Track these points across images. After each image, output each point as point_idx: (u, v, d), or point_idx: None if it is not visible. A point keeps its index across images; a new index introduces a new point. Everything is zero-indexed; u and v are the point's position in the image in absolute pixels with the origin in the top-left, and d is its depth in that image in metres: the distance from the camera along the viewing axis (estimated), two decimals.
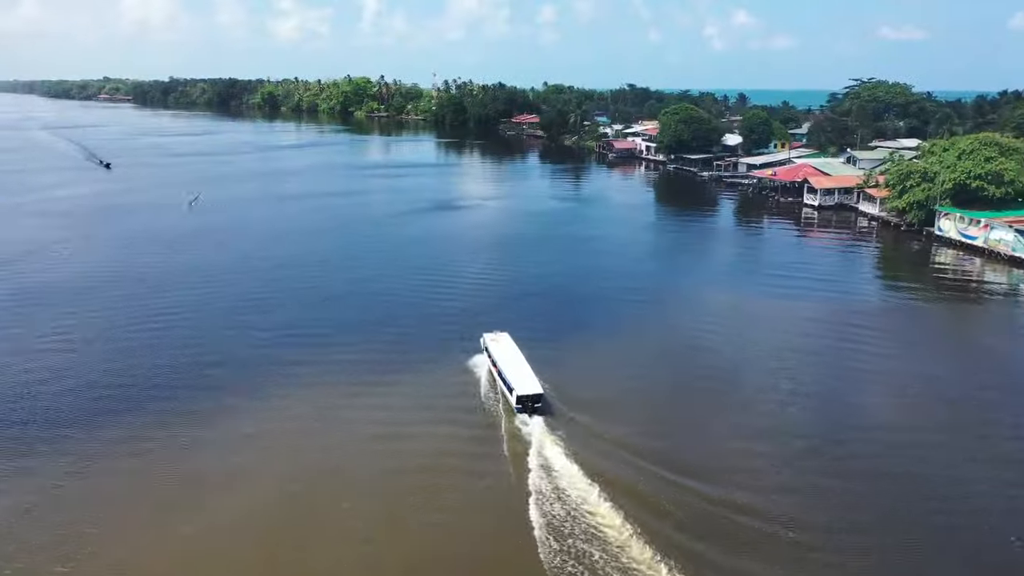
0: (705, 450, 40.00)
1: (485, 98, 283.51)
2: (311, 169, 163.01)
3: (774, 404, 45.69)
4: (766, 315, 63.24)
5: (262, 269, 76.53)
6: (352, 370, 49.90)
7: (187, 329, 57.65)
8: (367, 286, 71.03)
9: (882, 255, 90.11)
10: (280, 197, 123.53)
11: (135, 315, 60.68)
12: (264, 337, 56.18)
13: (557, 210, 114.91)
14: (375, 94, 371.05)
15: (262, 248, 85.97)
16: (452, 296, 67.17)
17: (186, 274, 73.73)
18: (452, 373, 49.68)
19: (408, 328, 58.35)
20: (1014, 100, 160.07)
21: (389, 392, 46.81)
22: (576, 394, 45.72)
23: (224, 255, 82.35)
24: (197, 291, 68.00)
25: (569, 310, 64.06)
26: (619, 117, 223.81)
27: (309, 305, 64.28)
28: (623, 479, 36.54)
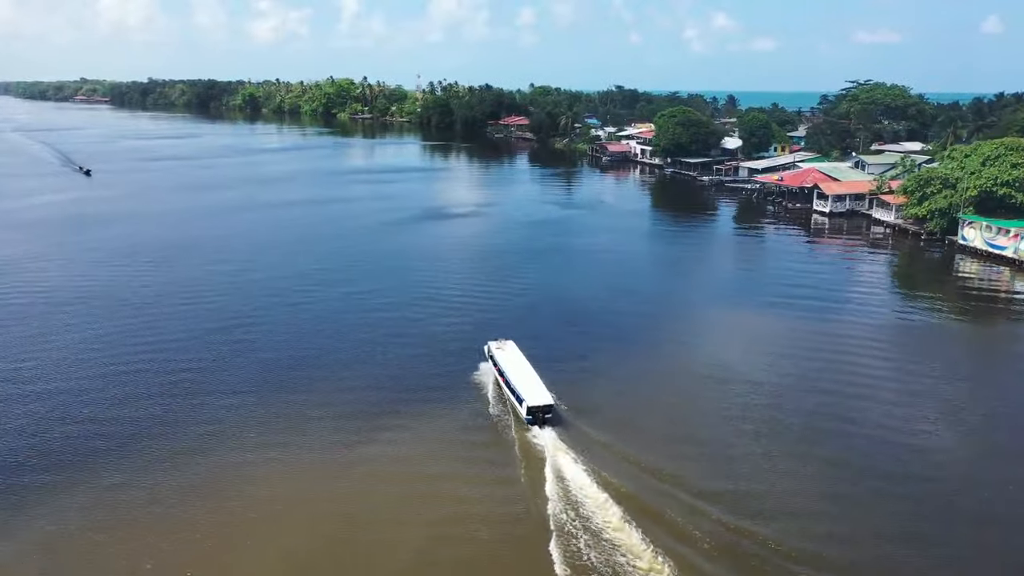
0: (729, 472, 36.89)
1: (472, 100, 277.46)
2: (298, 175, 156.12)
3: (807, 430, 40.65)
4: (786, 332, 57.99)
5: (254, 286, 70.36)
6: (361, 402, 45.01)
7: (177, 356, 51.54)
8: (365, 302, 65.68)
9: (903, 265, 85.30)
10: (268, 205, 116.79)
11: (118, 343, 54.45)
12: (262, 365, 50.17)
13: (556, 218, 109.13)
14: (358, 96, 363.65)
15: (253, 262, 79.68)
16: (455, 312, 62.24)
17: (174, 292, 67.36)
18: (464, 400, 45.32)
19: (414, 350, 53.24)
20: (1014, 102, 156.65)
21: (402, 425, 42.00)
22: (590, 414, 42.69)
23: (214, 271, 75.86)
24: (186, 311, 61.99)
25: (579, 330, 58.59)
26: (610, 119, 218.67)
27: (308, 329, 58.25)
28: (647, 502, 34.54)
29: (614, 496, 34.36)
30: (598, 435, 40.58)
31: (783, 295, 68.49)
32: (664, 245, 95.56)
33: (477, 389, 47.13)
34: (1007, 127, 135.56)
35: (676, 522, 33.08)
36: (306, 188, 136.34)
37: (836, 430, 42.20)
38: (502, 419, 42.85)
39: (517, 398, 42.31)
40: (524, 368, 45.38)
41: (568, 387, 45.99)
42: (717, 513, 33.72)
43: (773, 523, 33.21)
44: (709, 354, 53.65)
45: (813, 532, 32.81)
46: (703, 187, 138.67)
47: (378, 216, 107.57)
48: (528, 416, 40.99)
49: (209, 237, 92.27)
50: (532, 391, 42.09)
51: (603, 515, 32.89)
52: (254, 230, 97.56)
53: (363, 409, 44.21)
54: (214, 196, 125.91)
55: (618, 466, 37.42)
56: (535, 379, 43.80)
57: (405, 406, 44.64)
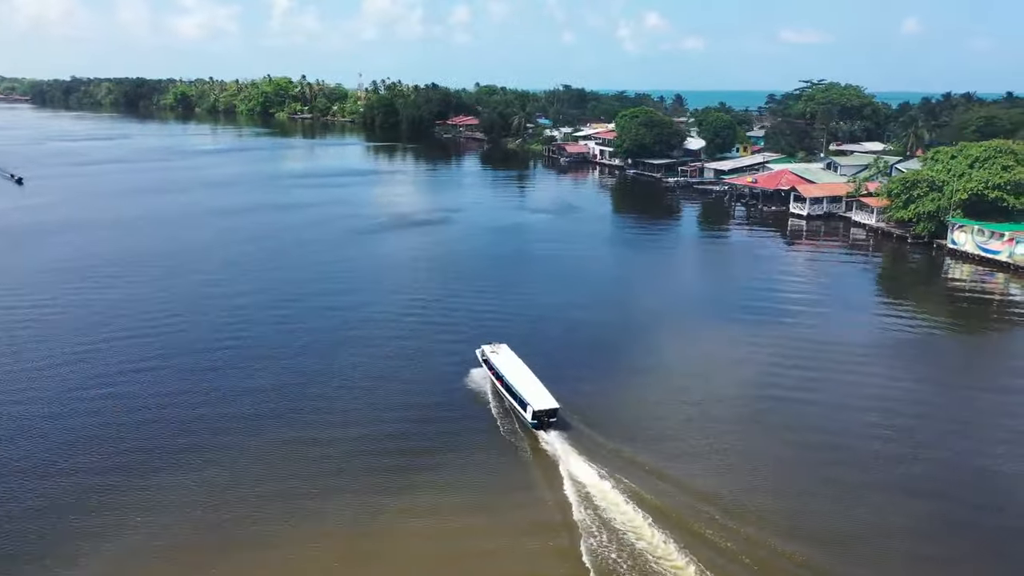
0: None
1: (418, 99, 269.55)
2: (245, 178, 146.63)
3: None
4: (791, 342, 54.13)
5: (224, 303, 62.95)
6: (369, 440, 39.99)
7: (149, 390, 44.15)
8: (347, 318, 60.01)
9: (892, 270, 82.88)
10: (222, 212, 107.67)
11: (76, 375, 46.73)
12: (241, 412, 43.26)
13: (524, 224, 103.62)
14: (297, 95, 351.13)
15: (218, 276, 71.94)
16: (446, 330, 56.85)
17: (136, 314, 59.66)
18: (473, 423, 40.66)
19: (411, 373, 48.64)
20: (964, 102, 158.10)
21: (421, 468, 36.46)
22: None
23: (177, 286, 67.96)
24: (154, 335, 54.64)
25: (569, 344, 53.48)
26: (562, 119, 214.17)
27: (293, 352, 51.44)
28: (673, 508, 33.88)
29: (624, 491, 34.73)
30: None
31: (778, 302, 66.00)
32: (648, 252, 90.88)
33: (480, 404, 44.56)
34: (962, 127, 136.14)
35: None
36: (257, 193, 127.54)
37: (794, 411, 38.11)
38: (519, 446, 39.69)
39: (521, 403, 41.47)
40: (523, 372, 44.30)
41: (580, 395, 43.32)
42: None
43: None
44: (705, 371, 49.17)
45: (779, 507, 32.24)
46: (669, 189, 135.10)
47: (342, 223, 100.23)
48: (533, 420, 40.26)
49: (165, 249, 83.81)
50: (536, 395, 41.22)
51: (611, 505, 33.68)
52: (213, 240, 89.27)
53: (371, 448, 39.18)
54: (161, 202, 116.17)
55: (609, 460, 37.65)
56: (537, 383, 42.77)
57: (417, 440, 40.20)
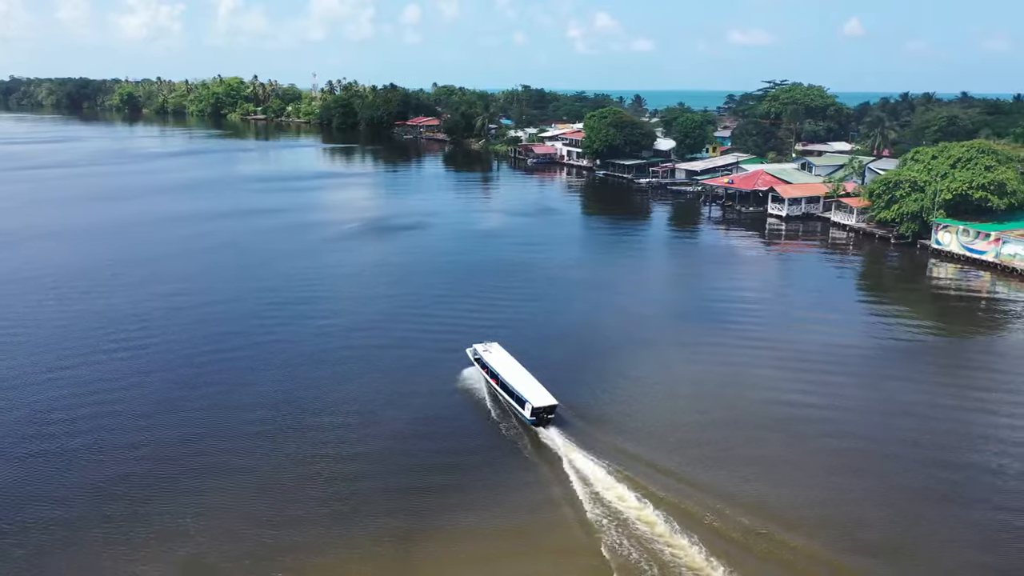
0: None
1: (376, 100, 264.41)
2: (207, 183, 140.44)
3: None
4: (800, 346, 52.59)
5: (208, 319, 58.71)
6: (385, 470, 35.85)
7: (134, 423, 40.11)
8: (332, 331, 56.34)
9: (880, 271, 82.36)
10: (186, 218, 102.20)
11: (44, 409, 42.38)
12: (243, 432, 39.70)
13: (505, 228, 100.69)
14: (249, 95, 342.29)
15: (194, 288, 67.34)
16: (445, 342, 53.14)
17: (111, 333, 55.28)
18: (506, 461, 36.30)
19: (420, 399, 44.24)
20: (925, 102, 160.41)
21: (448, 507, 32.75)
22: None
23: (152, 299, 63.33)
24: (132, 356, 50.38)
25: (577, 357, 51.04)
26: (525, 120, 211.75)
27: (291, 374, 47.76)
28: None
29: (626, 482, 35.58)
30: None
31: (768, 305, 64.92)
32: (633, 256, 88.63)
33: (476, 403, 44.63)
34: (923, 127, 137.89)
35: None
36: (221, 198, 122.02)
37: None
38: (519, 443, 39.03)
39: (519, 400, 41.80)
40: (518, 370, 44.59)
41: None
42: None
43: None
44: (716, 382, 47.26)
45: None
46: (641, 190, 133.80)
47: (315, 231, 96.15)
48: (532, 418, 40.66)
49: (131, 259, 78.78)
50: (534, 392, 41.62)
51: (609, 489, 34.84)
52: (182, 249, 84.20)
53: (379, 464, 36.87)
54: (120, 209, 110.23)
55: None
56: (533, 380, 43.14)
57: (424, 456, 38.59)
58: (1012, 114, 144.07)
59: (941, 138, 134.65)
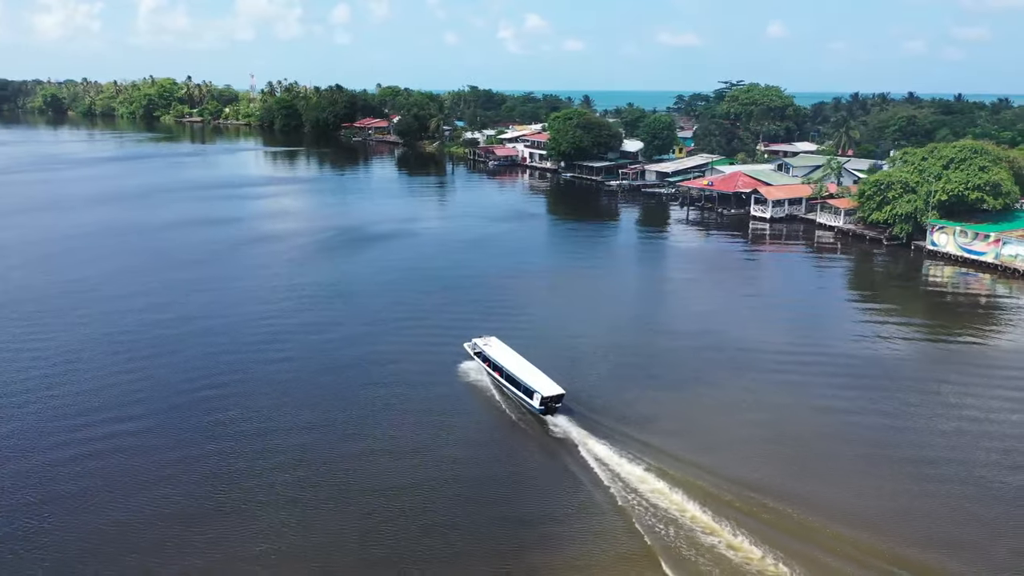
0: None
1: (321, 101, 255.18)
2: (152, 191, 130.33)
3: None
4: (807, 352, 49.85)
5: (199, 340, 52.26)
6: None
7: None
8: (335, 349, 50.24)
9: (879, 273, 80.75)
10: (142, 229, 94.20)
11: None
12: (276, 465, 34.08)
13: (492, 235, 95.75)
14: (184, 97, 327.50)
15: (176, 305, 60.51)
16: (440, 348, 47.99)
17: (91, 359, 48.38)
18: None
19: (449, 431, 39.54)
20: (880, 102, 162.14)
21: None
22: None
23: (121, 322, 56.29)
24: (120, 383, 43.61)
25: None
26: (479, 121, 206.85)
27: (306, 400, 42.12)
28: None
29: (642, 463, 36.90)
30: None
31: (775, 308, 61.87)
32: (630, 264, 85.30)
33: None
34: (882, 127, 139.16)
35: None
36: (174, 206, 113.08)
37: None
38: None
39: (526, 390, 42.88)
40: (521, 361, 45.59)
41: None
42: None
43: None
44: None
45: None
46: (611, 192, 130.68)
47: (288, 241, 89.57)
48: (540, 407, 41.79)
49: (96, 274, 71.06)
50: (542, 383, 42.71)
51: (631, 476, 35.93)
52: (145, 264, 76.56)
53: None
54: (65, 220, 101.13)
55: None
56: (537, 371, 44.19)
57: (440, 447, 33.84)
58: (964, 113, 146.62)
59: (900, 138, 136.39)
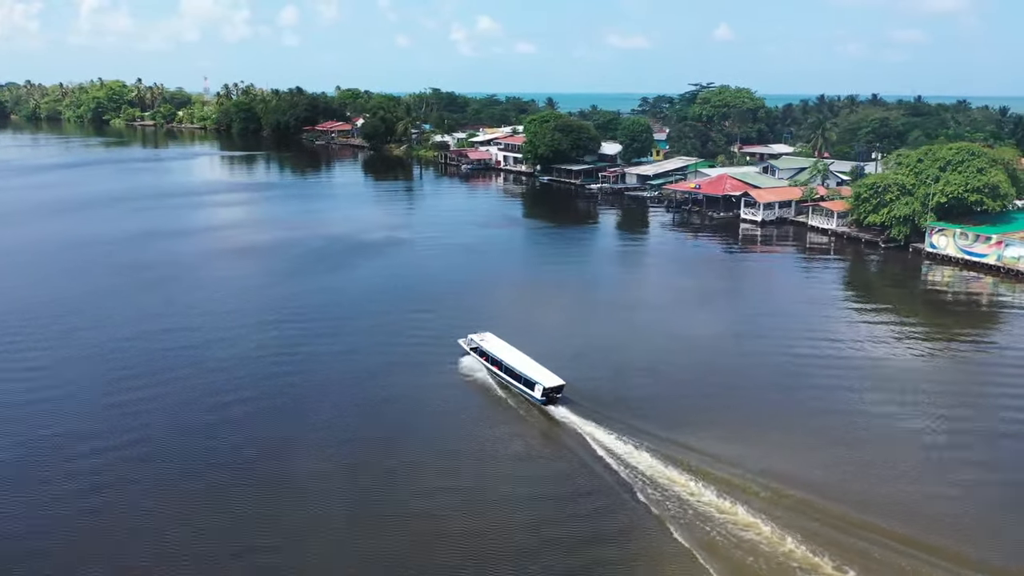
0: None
1: (282, 104, 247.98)
2: (113, 199, 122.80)
3: None
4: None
5: (203, 368, 47.74)
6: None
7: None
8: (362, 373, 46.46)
9: (882, 276, 79.91)
10: (105, 243, 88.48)
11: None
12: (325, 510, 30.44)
13: (488, 241, 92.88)
14: (134, 100, 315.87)
15: (178, 332, 55.61)
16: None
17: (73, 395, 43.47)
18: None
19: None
20: (849, 104, 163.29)
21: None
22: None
23: (116, 347, 51.40)
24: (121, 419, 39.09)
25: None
26: (447, 124, 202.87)
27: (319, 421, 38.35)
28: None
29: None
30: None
31: (781, 316, 59.57)
32: (635, 269, 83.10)
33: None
34: (855, 127, 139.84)
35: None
36: (137, 217, 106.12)
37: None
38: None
39: (527, 382, 43.93)
40: (519, 355, 46.52)
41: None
42: None
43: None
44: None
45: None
46: (593, 196, 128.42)
47: (280, 252, 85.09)
48: (542, 398, 42.80)
49: (58, 303, 65.32)
50: (543, 374, 43.81)
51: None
52: (121, 284, 71.13)
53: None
54: (11, 234, 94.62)
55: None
56: (535, 363, 45.17)
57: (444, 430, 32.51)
58: (932, 115, 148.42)
59: (874, 139, 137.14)
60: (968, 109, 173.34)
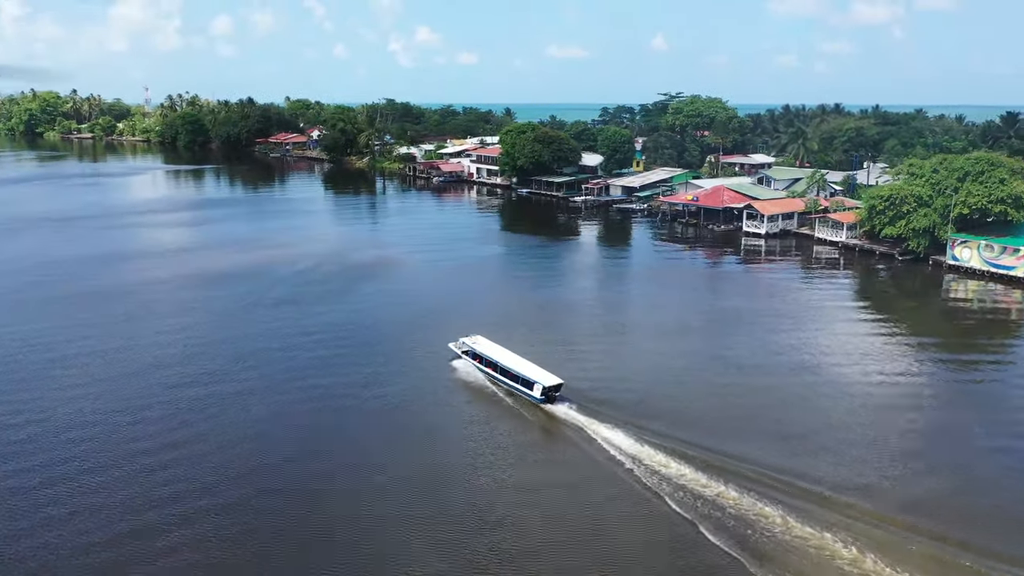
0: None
1: (232, 115, 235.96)
2: (72, 217, 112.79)
3: None
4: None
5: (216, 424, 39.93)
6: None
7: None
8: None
9: (895, 290, 76.22)
10: (81, 260, 78.80)
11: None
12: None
13: (495, 258, 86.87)
14: (70, 111, 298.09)
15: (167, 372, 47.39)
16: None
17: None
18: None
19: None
20: (820, 113, 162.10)
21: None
22: None
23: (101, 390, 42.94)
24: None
25: None
26: (408, 136, 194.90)
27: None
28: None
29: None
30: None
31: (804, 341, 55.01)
32: (660, 287, 77.51)
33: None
34: (829, 137, 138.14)
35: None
36: (92, 238, 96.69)
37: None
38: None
39: (525, 383, 44.07)
40: (513, 356, 46.71)
41: None
42: None
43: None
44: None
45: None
46: (577, 209, 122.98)
47: (282, 269, 77.21)
48: (542, 396, 42.91)
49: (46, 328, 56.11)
50: (540, 374, 43.99)
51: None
52: (98, 320, 62.07)
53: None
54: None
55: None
56: (531, 364, 45.29)
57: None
58: (900, 124, 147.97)
59: (850, 148, 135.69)
60: (925, 118, 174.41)
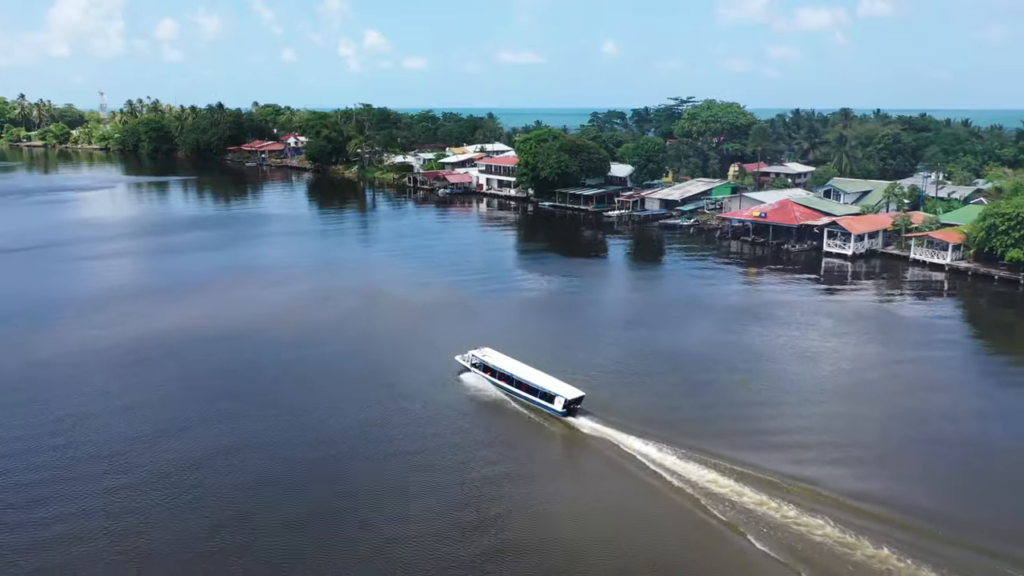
0: None
1: (200, 122, 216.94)
2: (54, 237, 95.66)
3: None
4: None
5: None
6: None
7: None
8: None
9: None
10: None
11: None
12: None
13: (563, 294, 72.79)
14: (18, 118, 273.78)
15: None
16: None
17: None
18: None
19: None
20: (843, 118, 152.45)
21: None
22: None
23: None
24: None
25: None
26: (399, 143, 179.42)
27: None
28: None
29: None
30: None
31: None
32: (787, 333, 64.50)
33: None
34: (864, 143, 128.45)
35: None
36: (55, 264, 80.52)
37: None
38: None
39: (545, 396, 42.26)
40: (529, 369, 44.79)
41: None
42: None
43: None
44: None
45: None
46: (610, 224, 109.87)
47: (299, 290, 61.49)
48: (563, 410, 41.29)
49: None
50: (561, 387, 42.40)
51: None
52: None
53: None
54: None
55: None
56: (548, 376, 43.71)
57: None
58: (936, 131, 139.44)
59: (887, 156, 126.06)
60: (951, 124, 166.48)
